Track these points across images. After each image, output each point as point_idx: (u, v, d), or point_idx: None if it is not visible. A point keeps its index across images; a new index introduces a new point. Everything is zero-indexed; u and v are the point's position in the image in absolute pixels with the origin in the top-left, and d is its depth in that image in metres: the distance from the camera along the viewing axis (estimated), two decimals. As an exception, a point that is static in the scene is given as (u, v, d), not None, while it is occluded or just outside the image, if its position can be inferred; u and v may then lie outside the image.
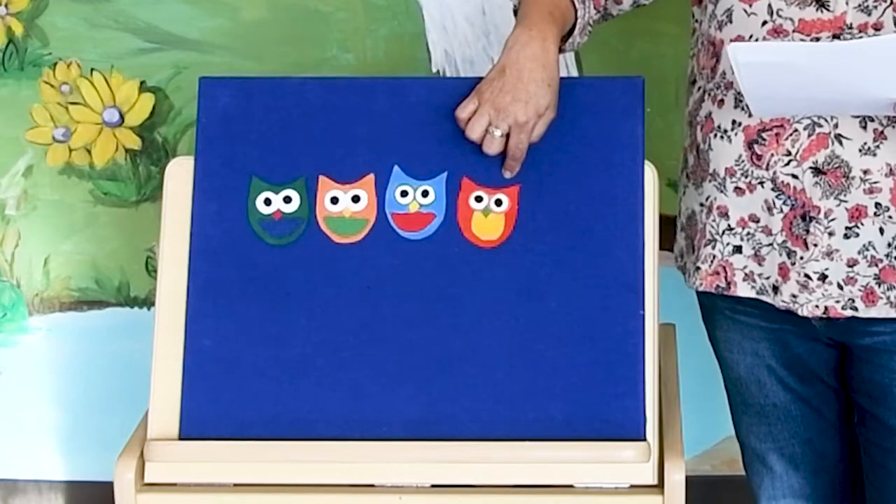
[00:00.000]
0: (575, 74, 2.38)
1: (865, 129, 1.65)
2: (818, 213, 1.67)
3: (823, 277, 1.69)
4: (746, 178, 1.71)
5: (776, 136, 1.68)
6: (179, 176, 1.76)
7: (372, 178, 1.73)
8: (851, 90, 1.58)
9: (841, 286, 1.69)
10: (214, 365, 1.70)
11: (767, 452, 1.92)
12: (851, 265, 1.68)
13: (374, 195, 1.73)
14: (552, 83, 1.67)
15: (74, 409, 2.63)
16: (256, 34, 2.43)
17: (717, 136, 1.73)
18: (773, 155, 1.68)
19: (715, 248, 1.76)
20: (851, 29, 1.63)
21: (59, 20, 2.44)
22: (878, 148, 1.65)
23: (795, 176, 1.67)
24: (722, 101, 1.72)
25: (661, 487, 1.64)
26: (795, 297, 1.71)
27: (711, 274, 1.77)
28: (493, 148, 1.68)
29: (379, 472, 1.66)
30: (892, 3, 1.62)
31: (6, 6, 2.44)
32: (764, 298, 1.75)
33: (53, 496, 2.69)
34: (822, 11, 1.64)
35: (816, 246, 1.68)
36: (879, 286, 1.69)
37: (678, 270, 1.87)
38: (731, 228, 1.74)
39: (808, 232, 1.69)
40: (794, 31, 1.65)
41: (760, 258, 1.74)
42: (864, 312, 1.70)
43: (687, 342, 2.00)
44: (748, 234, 1.73)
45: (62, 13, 2.44)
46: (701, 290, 1.79)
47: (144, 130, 2.49)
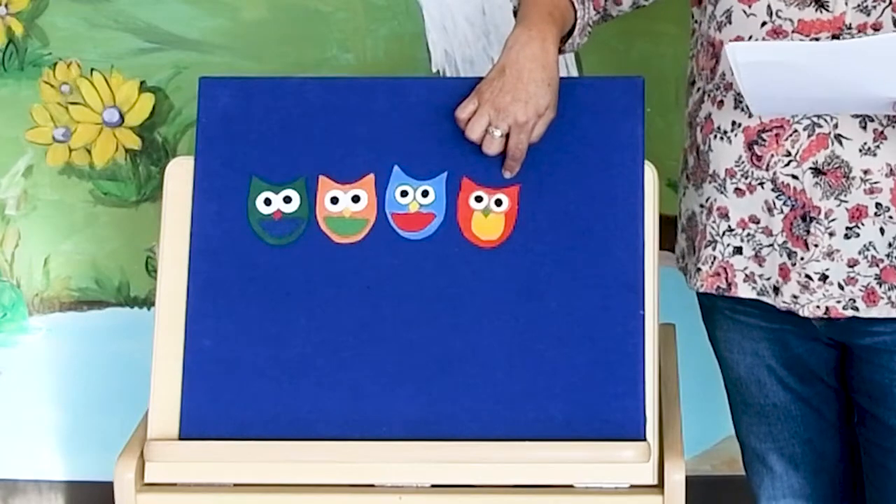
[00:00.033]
0: (575, 74, 2.38)
1: (865, 129, 1.64)
2: (818, 213, 1.67)
3: (824, 278, 1.69)
4: (746, 178, 1.71)
5: (776, 136, 1.68)
6: (179, 176, 1.76)
7: (372, 178, 1.73)
8: (851, 89, 1.58)
9: (842, 286, 1.69)
10: (214, 365, 1.70)
11: (767, 452, 1.92)
12: (852, 265, 1.68)
13: (374, 195, 1.73)
14: (552, 83, 1.66)
15: (74, 409, 2.63)
16: (256, 34, 2.43)
17: (716, 137, 1.73)
18: (773, 155, 1.68)
19: (715, 249, 1.76)
20: (851, 29, 1.63)
21: (59, 20, 2.44)
22: (878, 148, 1.64)
23: (795, 176, 1.67)
24: (721, 102, 1.72)
25: (661, 487, 1.64)
26: (796, 297, 1.71)
27: (712, 275, 1.77)
28: (492, 148, 1.68)
29: (379, 472, 1.66)
30: (891, 3, 1.62)
31: (6, 6, 2.44)
32: (765, 299, 1.75)
33: (53, 496, 2.68)
34: (821, 12, 1.64)
35: (817, 246, 1.68)
36: (880, 286, 1.69)
37: (679, 271, 1.87)
38: (731, 229, 1.74)
39: (808, 232, 1.69)
40: (793, 31, 1.65)
41: (761, 259, 1.74)
42: (865, 312, 1.70)
43: (687, 342, 2.00)
44: (748, 234, 1.73)
45: (62, 13, 2.44)
46: (702, 291, 1.79)
47: (144, 130, 2.49)
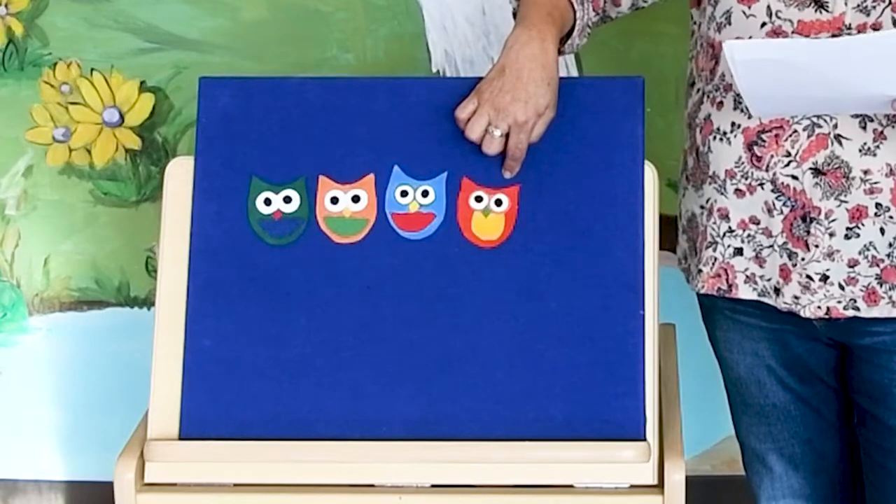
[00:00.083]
0: (575, 74, 2.38)
1: (865, 129, 1.64)
2: (818, 213, 1.67)
3: (825, 278, 1.69)
4: (746, 179, 1.71)
5: (776, 137, 1.68)
6: (179, 176, 1.76)
7: (372, 178, 1.73)
8: (849, 88, 1.57)
9: (842, 286, 1.69)
10: (214, 365, 1.70)
11: (767, 452, 1.92)
12: (852, 265, 1.68)
13: (374, 195, 1.73)
14: (552, 83, 1.66)
15: (74, 409, 2.63)
16: (256, 34, 2.43)
17: (716, 138, 1.73)
18: (772, 156, 1.68)
19: (716, 250, 1.76)
20: (850, 29, 1.63)
21: (59, 20, 2.44)
22: (877, 148, 1.64)
23: (795, 177, 1.67)
24: (721, 103, 1.72)
25: (661, 487, 1.64)
26: (797, 298, 1.71)
27: (713, 276, 1.77)
28: (492, 148, 1.68)
29: (379, 472, 1.66)
30: (890, 3, 1.62)
31: (6, 6, 2.44)
32: (766, 300, 1.75)
33: (53, 496, 2.68)
34: (820, 12, 1.64)
35: (817, 247, 1.68)
36: (881, 286, 1.69)
37: (682, 272, 1.87)
38: (731, 230, 1.74)
39: (808, 233, 1.68)
40: (793, 32, 1.65)
41: (761, 260, 1.74)
42: (866, 312, 1.70)
43: (687, 342, 2.00)
44: (749, 235, 1.73)
45: (62, 13, 2.44)
46: (703, 292, 1.79)
47: (144, 130, 2.49)
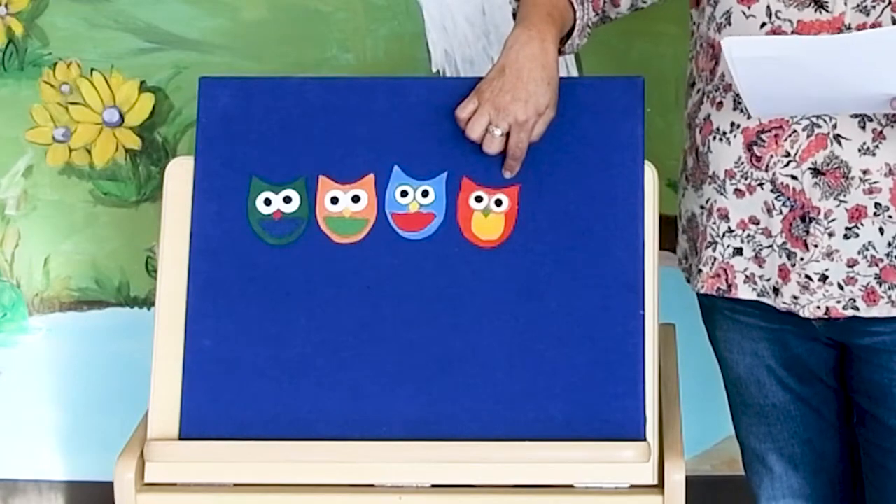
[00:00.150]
0: (575, 74, 2.38)
1: (864, 129, 1.64)
2: (818, 213, 1.67)
3: (824, 278, 1.69)
4: (746, 179, 1.71)
5: (775, 137, 1.68)
6: (179, 176, 1.76)
7: (372, 178, 1.73)
8: (848, 86, 1.57)
9: (841, 286, 1.69)
10: (214, 365, 1.70)
11: (767, 453, 1.92)
12: (852, 265, 1.68)
13: (374, 195, 1.73)
14: (552, 82, 1.66)
15: (74, 409, 2.63)
16: (256, 34, 2.43)
17: (716, 138, 1.73)
18: (772, 156, 1.68)
19: (716, 250, 1.76)
20: (850, 29, 1.63)
21: (59, 20, 2.44)
22: (877, 148, 1.64)
23: (795, 177, 1.67)
24: (721, 103, 1.72)
25: (661, 487, 1.64)
26: (796, 298, 1.71)
27: (713, 276, 1.77)
28: (493, 147, 1.68)
29: (379, 472, 1.66)
30: (890, 2, 1.62)
31: (6, 6, 2.44)
32: (765, 300, 1.75)
33: (53, 496, 2.68)
34: (820, 12, 1.64)
35: (816, 247, 1.68)
36: (880, 286, 1.69)
37: (682, 272, 1.87)
38: (731, 230, 1.74)
39: (807, 233, 1.68)
40: (792, 32, 1.65)
41: (761, 260, 1.74)
42: (865, 312, 1.70)
43: (687, 342, 2.00)
44: (748, 236, 1.73)
45: (62, 13, 2.44)
46: (702, 292, 1.79)
47: (144, 130, 2.49)
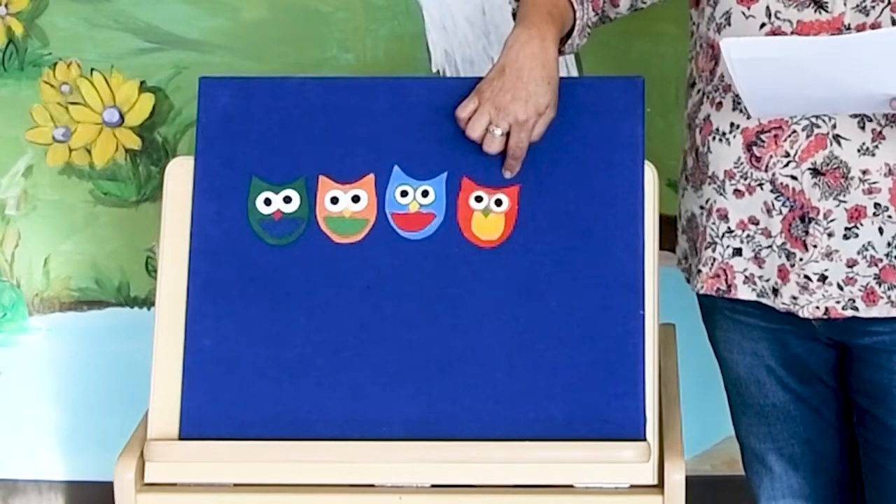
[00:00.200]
0: (575, 74, 2.38)
1: (864, 129, 1.65)
2: (817, 214, 1.67)
3: (823, 278, 1.69)
4: (745, 180, 1.71)
5: (775, 137, 1.68)
6: (179, 176, 1.76)
7: (372, 178, 1.73)
8: (847, 87, 1.57)
9: (841, 287, 1.69)
10: (214, 365, 1.70)
11: (767, 453, 1.92)
12: (851, 265, 1.68)
13: (374, 195, 1.73)
14: (552, 81, 1.67)
15: (74, 409, 2.63)
16: (256, 34, 2.43)
17: (715, 138, 1.73)
18: (771, 157, 1.68)
19: (715, 250, 1.76)
20: (849, 30, 1.63)
21: (59, 20, 2.44)
22: (876, 148, 1.64)
23: (794, 177, 1.67)
24: (720, 103, 1.72)
25: (661, 487, 1.64)
26: (796, 298, 1.71)
27: (712, 277, 1.77)
28: (493, 147, 1.68)
29: (379, 472, 1.66)
30: (889, 3, 1.62)
31: (6, 6, 2.44)
32: (764, 301, 1.75)
33: (53, 496, 2.68)
34: (820, 13, 1.64)
35: (816, 247, 1.68)
36: (880, 286, 1.69)
37: (682, 272, 1.87)
38: (730, 231, 1.74)
39: (807, 233, 1.68)
40: (792, 32, 1.65)
41: (760, 260, 1.74)
42: (864, 312, 1.70)
43: (687, 342, 2.00)
44: (748, 236, 1.73)
45: (62, 13, 2.44)
46: (702, 293, 1.79)
47: (144, 130, 2.49)
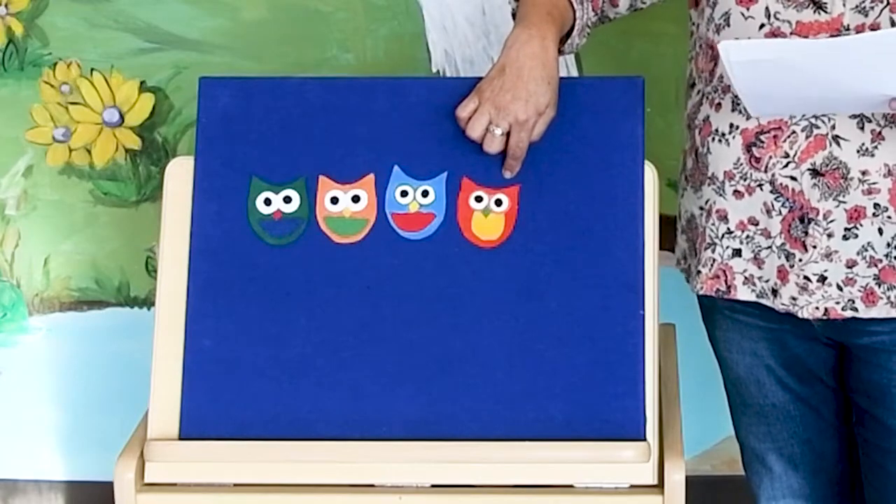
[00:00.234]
0: (575, 74, 2.38)
1: (863, 129, 1.65)
2: (817, 214, 1.67)
3: (823, 279, 1.69)
4: (745, 180, 1.71)
5: (774, 138, 1.68)
6: (179, 176, 1.76)
7: (372, 178, 1.73)
8: (846, 88, 1.57)
9: (840, 287, 1.69)
10: (214, 365, 1.70)
11: (767, 452, 1.92)
12: (850, 266, 1.68)
13: (374, 195, 1.73)
14: (552, 81, 1.67)
15: (74, 409, 2.63)
16: (256, 34, 2.43)
17: (714, 139, 1.73)
18: (771, 157, 1.68)
19: (715, 251, 1.76)
20: (849, 31, 1.63)
21: (59, 20, 2.44)
22: (875, 149, 1.64)
23: (794, 178, 1.67)
24: (720, 104, 1.72)
25: (661, 487, 1.64)
26: (795, 299, 1.71)
27: (712, 277, 1.77)
28: (493, 147, 1.68)
29: (379, 472, 1.66)
30: (888, 3, 1.62)
31: (6, 6, 2.44)
32: (764, 301, 1.75)
33: (53, 496, 2.69)
34: (819, 13, 1.64)
35: (815, 248, 1.68)
36: (879, 286, 1.69)
37: (682, 273, 1.87)
38: (730, 232, 1.74)
39: (806, 234, 1.68)
40: (791, 33, 1.65)
41: (760, 261, 1.74)
42: (864, 313, 1.70)
43: (687, 342, 2.00)
44: (747, 237, 1.73)
45: (62, 13, 2.44)
46: (702, 293, 1.79)
47: (144, 130, 2.49)
